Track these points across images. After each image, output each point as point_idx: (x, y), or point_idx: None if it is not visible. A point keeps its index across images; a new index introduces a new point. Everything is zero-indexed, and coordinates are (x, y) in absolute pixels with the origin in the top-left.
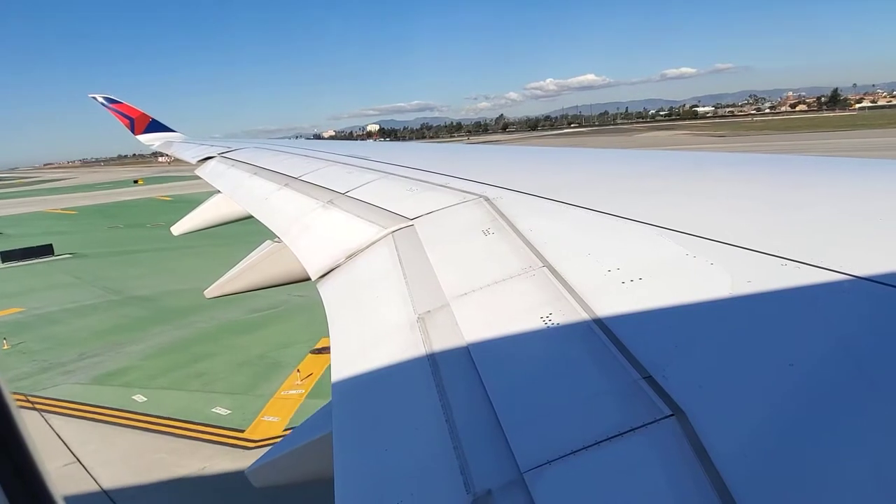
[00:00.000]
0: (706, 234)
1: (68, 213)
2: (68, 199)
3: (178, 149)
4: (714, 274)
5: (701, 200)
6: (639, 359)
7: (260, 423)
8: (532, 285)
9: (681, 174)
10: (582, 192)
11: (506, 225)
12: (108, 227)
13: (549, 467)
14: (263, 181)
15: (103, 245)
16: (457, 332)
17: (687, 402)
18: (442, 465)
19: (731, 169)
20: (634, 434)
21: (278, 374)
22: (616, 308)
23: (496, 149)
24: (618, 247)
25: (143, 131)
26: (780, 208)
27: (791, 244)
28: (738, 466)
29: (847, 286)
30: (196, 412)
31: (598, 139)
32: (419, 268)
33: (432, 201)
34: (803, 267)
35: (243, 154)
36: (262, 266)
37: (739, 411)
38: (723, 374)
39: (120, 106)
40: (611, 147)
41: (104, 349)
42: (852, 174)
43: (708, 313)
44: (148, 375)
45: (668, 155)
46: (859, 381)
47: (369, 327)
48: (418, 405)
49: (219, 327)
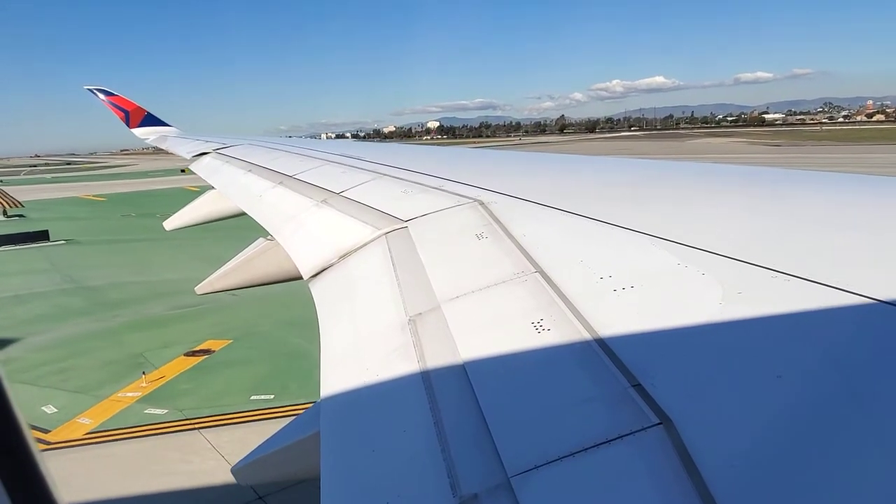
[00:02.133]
0: (699, 245)
1: (97, 200)
2: (109, 185)
3: (173, 143)
4: (705, 284)
5: (695, 211)
6: (628, 367)
7: (72, 425)
8: (524, 290)
9: (677, 184)
10: (577, 200)
11: (499, 229)
12: (122, 216)
13: (536, 472)
14: (258, 178)
15: (102, 233)
16: (447, 335)
17: (675, 411)
18: (429, 468)
19: (728, 181)
20: (622, 441)
21: (135, 374)
22: (607, 316)
23: (494, 153)
24: (611, 255)
25: (139, 125)
26: (774, 221)
27: (782, 257)
28: (725, 476)
29: (837, 300)
30: (23, 408)
31: (647, 144)
32: (412, 270)
33: (427, 203)
34: (793, 280)
35: (238, 151)
36: (254, 263)
37: (727, 421)
38: (711, 384)
39: (115, 98)
40: (658, 152)
41: (6, 339)
42: (850, 190)
43: (698, 323)
44: (19, 368)
45: (667, 165)
46: (847, 395)
47: (360, 328)
48: (407, 407)
49: (130, 323)
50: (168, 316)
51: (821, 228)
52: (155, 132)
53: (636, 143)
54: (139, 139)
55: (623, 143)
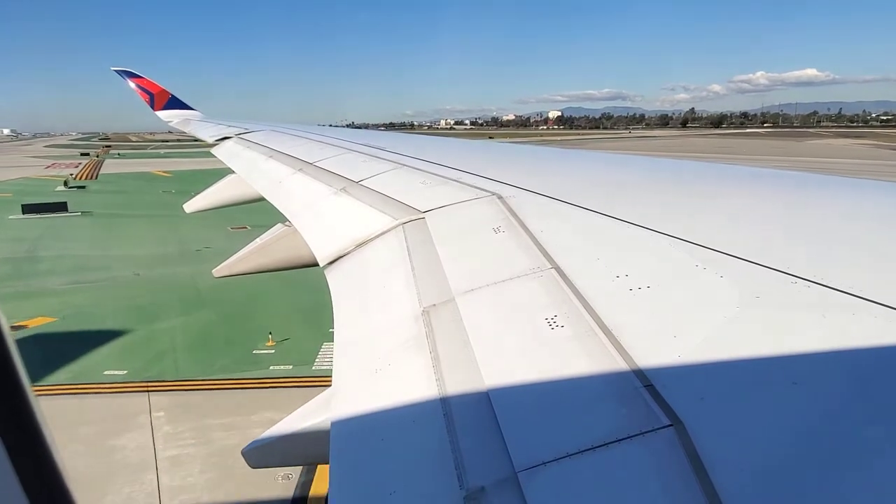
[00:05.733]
0: (717, 247)
1: (162, 176)
2: (188, 162)
3: (196, 127)
4: (722, 287)
5: (716, 213)
6: (641, 367)
7: None
8: (539, 286)
9: (698, 185)
10: (596, 197)
11: (517, 224)
12: (162, 192)
13: (544, 468)
14: (278, 164)
15: (125, 208)
16: (460, 327)
17: (686, 414)
18: (437, 459)
19: (750, 183)
20: (631, 441)
21: None
22: (622, 315)
23: (514, 148)
24: (627, 254)
25: (163, 107)
26: (797, 226)
27: (803, 263)
28: (735, 482)
29: (858, 309)
30: None
31: (759, 143)
32: (427, 261)
33: (445, 196)
34: (814, 286)
35: (260, 136)
36: (271, 249)
37: (739, 427)
38: (725, 388)
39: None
40: (759, 153)
41: None
42: (879, 197)
43: (713, 326)
44: None
45: (690, 165)
46: (863, 404)
47: (373, 317)
48: (417, 398)
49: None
50: (54, 290)
51: (846, 236)
52: (179, 115)
53: (746, 142)
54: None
55: (729, 142)
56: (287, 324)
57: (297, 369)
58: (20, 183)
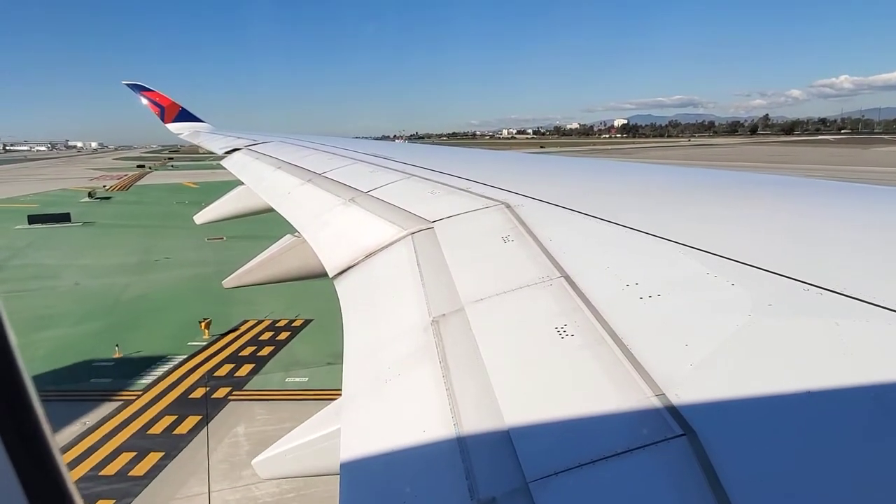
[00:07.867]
0: (729, 254)
1: (190, 187)
2: (217, 174)
3: (206, 139)
4: (734, 295)
5: (726, 220)
6: (653, 376)
7: None
8: (548, 295)
9: (707, 192)
10: (606, 205)
11: (525, 233)
12: (176, 203)
13: (555, 479)
14: (287, 175)
15: (127, 218)
16: (470, 336)
17: (699, 424)
18: (447, 468)
19: (761, 190)
20: (643, 451)
21: None
22: (633, 323)
23: (522, 156)
24: (638, 262)
25: (173, 120)
26: (808, 233)
27: (817, 271)
28: (749, 492)
29: (873, 317)
30: None
31: (820, 150)
32: (436, 271)
33: (454, 205)
34: (826, 294)
35: (268, 148)
36: (280, 259)
37: (753, 437)
38: (738, 397)
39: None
40: (818, 161)
41: None
42: (888, 202)
43: (725, 334)
44: None
45: (699, 172)
46: (880, 414)
47: (382, 327)
48: (427, 407)
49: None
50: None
51: (860, 243)
52: (189, 127)
53: (806, 150)
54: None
55: (789, 149)
56: (148, 336)
57: None
58: (52, 194)
